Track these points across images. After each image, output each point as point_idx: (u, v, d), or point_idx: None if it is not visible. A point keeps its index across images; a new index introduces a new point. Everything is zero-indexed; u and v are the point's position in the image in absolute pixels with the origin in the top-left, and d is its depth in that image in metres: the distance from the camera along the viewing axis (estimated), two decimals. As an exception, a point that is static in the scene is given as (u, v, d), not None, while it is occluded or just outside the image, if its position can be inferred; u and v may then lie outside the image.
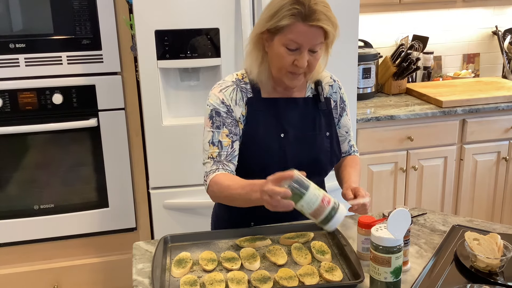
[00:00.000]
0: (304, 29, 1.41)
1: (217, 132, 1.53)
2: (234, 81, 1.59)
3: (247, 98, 1.57)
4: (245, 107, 1.57)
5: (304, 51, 1.45)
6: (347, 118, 1.69)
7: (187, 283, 1.27)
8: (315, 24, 1.41)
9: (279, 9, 1.43)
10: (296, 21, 1.41)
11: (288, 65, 1.47)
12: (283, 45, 1.45)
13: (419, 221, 1.60)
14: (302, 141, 1.58)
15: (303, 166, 1.51)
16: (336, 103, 1.66)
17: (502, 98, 2.81)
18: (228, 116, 1.55)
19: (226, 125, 1.54)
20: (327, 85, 1.65)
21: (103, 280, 2.76)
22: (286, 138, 1.57)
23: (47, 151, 2.55)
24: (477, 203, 2.93)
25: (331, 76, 1.67)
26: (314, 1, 1.41)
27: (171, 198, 2.33)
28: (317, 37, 1.44)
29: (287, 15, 1.41)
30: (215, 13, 2.17)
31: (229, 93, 1.57)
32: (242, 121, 1.57)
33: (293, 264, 1.37)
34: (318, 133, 1.60)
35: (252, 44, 1.54)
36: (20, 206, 2.57)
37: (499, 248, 1.30)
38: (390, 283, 1.17)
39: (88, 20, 2.41)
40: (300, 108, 1.60)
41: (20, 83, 2.42)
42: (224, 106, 1.55)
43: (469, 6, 3.04)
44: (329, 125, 1.62)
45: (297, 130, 1.58)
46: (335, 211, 1.23)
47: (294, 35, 1.42)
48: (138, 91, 2.53)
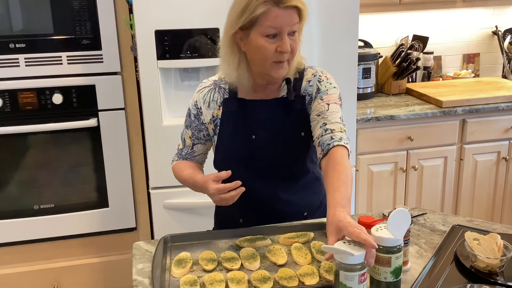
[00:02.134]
0: (280, 12, 1.42)
1: (185, 130, 1.68)
2: (215, 81, 1.62)
3: (223, 99, 1.59)
4: (220, 109, 1.59)
5: (284, 35, 1.45)
6: (319, 102, 1.54)
7: (187, 283, 1.27)
8: (289, 5, 1.42)
9: (249, 1, 1.43)
10: (270, 7, 1.41)
11: (272, 54, 1.46)
12: (262, 36, 1.45)
13: (419, 221, 1.60)
14: (274, 143, 1.57)
15: (278, 167, 1.58)
16: (310, 96, 1.58)
17: (502, 98, 2.81)
18: (196, 119, 1.63)
19: (192, 128, 1.65)
20: (305, 81, 1.60)
21: (103, 280, 2.76)
22: (257, 140, 1.57)
23: (47, 151, 2.55)
24: (477, 203, 2.93)
25: (315, 73, 1.61)
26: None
27: (171, 198, 2.33)
28: (293, 17, 1.45)
29: (259, 4, 1.42)
30: (215, 13, 2.17)
31: (204, 95, 1.61)
32: (213, 121, 1.61)
33: (293, 264, 1.37)
34: (291, 134, 1.58)
35: (225, 48, 1.52)
36: (20, 206, 2.57)
37: (499, 248, 1.30)
38: (390, 283, 1.17)
39: (88, 20, 2.41)
40: (272, 109, 1.58)
41: (20, 83, 2.42)
42: (195, 108, 1.63)
43: (469, 6, 3.04)
44: (304, 124, 1.57)
45: (269, 132, 1.57)
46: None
47: (271, 21, 1.42)
48: (138, 91, 2.53)
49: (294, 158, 1.60)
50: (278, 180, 1.61)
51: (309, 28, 2.27)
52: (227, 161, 1.61)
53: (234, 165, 1.57)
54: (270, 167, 1.59)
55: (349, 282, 1.11)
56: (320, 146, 1.46)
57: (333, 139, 1.43)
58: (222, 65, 1.56)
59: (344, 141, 1.43)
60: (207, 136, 1.65)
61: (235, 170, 1.52)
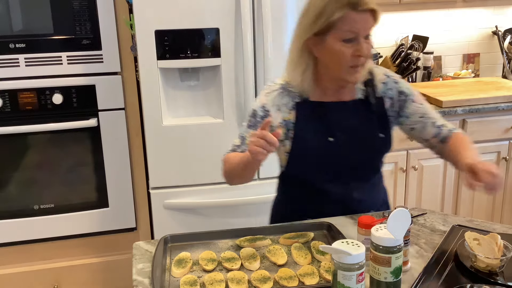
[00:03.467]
0: (357, 16, 1.42)
1: (247, 130, 1.60)
2: (282, 85, 1.60)
3: (295, 103, 1.57)
4: (291, 112, 1.57)
5: (361, 38, 1.44)
6: (415, 105, 1.62)
7: (187, 283, 1.27)
8: (366, 8, 1.42)
9: (325, 6, 1.43)
10: (348, 11, 1.41)
11: (349, 58, 1.46)
12: (339, 40, 1.44)
13: (419, 221, 1.60)
14: (352, 145, 1.57)
15: (356, 169, 1.58)
16: (392, 100, 1.61)
17: (502, 98, 2.81)
18: (262, 121, 1.58)
19: (255, 128, 1.58)
20: (380, 83, 1.61)
21: (103, 280, 2.76)
22: (335, 142, 1.56)
23: (47, 151, 2.56)
24: (477, 203, 2.93)
25: (385, 73, 1.63)
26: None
27: (171, 198, 2.33)
28: (369, 20, 1.44)
29: (336, 8, 1.41)
30: (215, 13, 2.17)
31: (273, 98, 1.58)
32: (284, 125, 1.57)
33: (293, 264, 1.37)
34: (370, 136, 1.58)
35: (295, 53, 1.52)
36: (20, 206, 2.57)
37: (499, 248, 1.30)
38: (390, 283, 1.17)
39: (88, 20, 2.41)
40: (350, 111, 1.58)
41: (20, 83, 2.43)
42: (262, 110, 1.58)
43: (469, 6, 3.04)
44: (383, 126, 1.59)
45: (347, 134, 1.57)
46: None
47: (348, 25, 1.42)
48: (138, 91, 2.53)
49: (371, 159, 1.61)
50: (352, 181, 1.62)
51: (309, 28, 2.27)
52: (303, 164, 1.61)
53: (310, 167, 1.58)
54: (347, 169, 1.58)
55: (347, 282, 1.11)
56: (437, 138, 1.62)
57: (451, 130, 1.62)
58: (288, 69, 1.56)
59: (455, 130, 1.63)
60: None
61: (310, 172, 1.57)
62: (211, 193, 2.35)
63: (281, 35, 2.23)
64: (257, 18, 2.19)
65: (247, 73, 2.18)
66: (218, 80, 2.26)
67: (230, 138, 2.29)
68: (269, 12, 2.15)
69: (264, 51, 2.17)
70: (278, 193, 1.77)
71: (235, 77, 2.24)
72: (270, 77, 2.20)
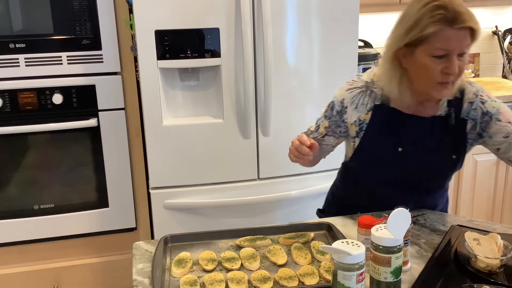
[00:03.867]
0: (452, 33, 1.35)
1: (323, 119, 1.65)
2: (367, 82, 1.57)
3: (374, 104, 1.55)
4: (368, 113, 1.55)
5: (454, 56, 1.38)
6: (499, 124, 1.52)
7: (187, 283, 1.27)
8: (463, 26, 1.35)
9: (419, 18, 1.37)
10: (443, 27, 1.34)
11: (437, 75, 1.40)
12: (429, 55, 1.38)
13: (419, 221, 1.60)
14: (420, 160, 1.54)
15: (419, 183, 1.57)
16: (475, 121, 1.53)
17: (502, 98, 2.77)
18: (337, 115, 1.60)
19: (331, 120, 1.62)
20: (467, 103, 1.53)
21: (103, 280, 2.76)
22: (403, 153, 1.54)
23: (47, 151, 2.55)
24: (477, 203, 2.93)
25: (476, 92, 1.54)
26: (456, 3, 1.36)
27: (171, 198, 2.33)
28: (466, 39, 1.37)
29: (431, 23, 1.35)
30: (215, 13, 2.17)
31: (353, 96, 1.57)
32: (357, 124, 1.57)
33: (293, 264, 1.37)
34: (442, 155, 1.55)
35: (387, 64, 1.48)
36: (20, 206, 2.57)
37: (499, 248, 1.30)
38: (390, 283, 1.17)
39: (88, 20, 2.41)
40: (427, 127, 1.53)
41: (20, 83, 2.42)
42: (340, 105, 1.59)
43: (469, 6, 2.99)
44: (458, 147, 1.54)
45: (417, 148, 1.54)
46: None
47: (441, 43, 1.36)
48: (138, 91, 2.53)
49: (437, 177, 1.59)
50: (413, 194, 1.61)
51: (309, 28, 2.27)
52: (366, 167, 1.61)
53: (372, 172, 1.59)
54: (410, 182, 1.57)
55: (347, 281, 1.11)
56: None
57: None
58: (383, 81, 1.52)
59: None
60: (343, 133, 1.62)
61: (372, 177, 1.58)
62: (211, 193, 2.35)
63: (281, 35, 2.23)
64: (257, 18, 2.19)
65: (247, 73, 2.18)
66: (218, 80, 2.26)
67: (230, 138, 2.30)
68: (269, 12, 2.15)
69: (264, 51, 2.17)
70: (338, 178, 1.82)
71: (235, 77, 2.24)
72: (270, 77, 2.20)
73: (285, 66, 2.27)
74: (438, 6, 1.35)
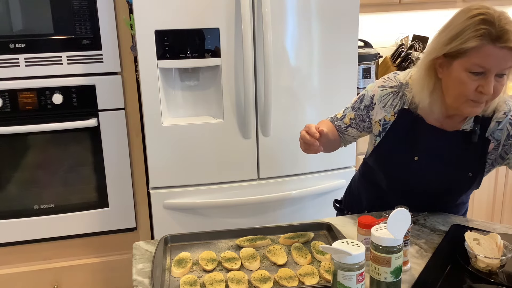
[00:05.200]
0: (494, 51, 1.28)
1: (350, 109, 1.65)
2: (401, 83, 1.54)
3: (401, 108, 1.52)
4: (394, 115, 1.53)
5: (491, 75, 1.31)
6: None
7: (187, 283, 1.27)
8: (507, 46, 1.28)
9: (462, 30, 1.31)
10: (485, 43, 1.28)
11: (471, 92, 1.34)
12: (465, 70, 1.32)
13: (419, 221, 1.60)
14: (435, 172, 1.51)
15: (428, 194, 1.55)
16: (498, 142, 1.48)
17: (502, 98, 2.81)
18: (364, 109, 1.60)
19: (357, 112, 1.62)
20: (494, 121, 1.47)
21: (103, 280, 2.76)
22: (419, 162, 1.51)
23: (47, 151, 2.55)
24: (477, 203, 2.93)
25: (507, 111, 1.47)
26: (504, 21, 1.29)
27: (171, 198, 2.33)
28: (507, 59, 1.30)
29: (473, 37, 1.29)
30: (215, 13, 2.17)
31: (384, 95, 1.55)
32: (381, 124, 1.56)
33: (293, 264, 1.37)
34: (459, 171, 1.50)
35: (424, 71, 1.42)
36: (20, 206, 2.57)
37: (499, 248, 1.30)
38: (390, 283, 1.17)
39: (88, 20, 2.41)
40: (448, 139, 1.49)
41: (20, 83, 2.42)
42: (369, 100, 1.58)
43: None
44: (476, 166, 1.49)
45: (434, 160, 1.50)
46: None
47: (480, 59, 1.29)
48: (138, 91, 2.53)
49: (450, 193, 1.55)
50: (422, 205, 1.59)
51: (309, 28, 2.27)
52: (381, 167, 1.60)
53: (385, 173, 1.58)
54: (420, 192, 1.55)
55: (347, 281, 1.11)
56: None
57: None
58: (415, 86, 1.47)
59: None
60: (367, 128, 1.62)
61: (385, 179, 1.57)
62: (211, 193, 2.35)
63: (281, 35, 2.23)
64: (257, 18, 2.19)
65: (247, 73, 2.18)
66: (218, 80, 2.26)
67: (230, 138, 2.30)
68: (269, 12, 2.15)
69: (264, 51, 2.17)
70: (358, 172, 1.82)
71: (235, 77, 2.24)
72: (270, 77, 2.20)
73: (285, 66, 2.27)
74: (485, 21, 1.29)
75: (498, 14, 1.31)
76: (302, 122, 1.95)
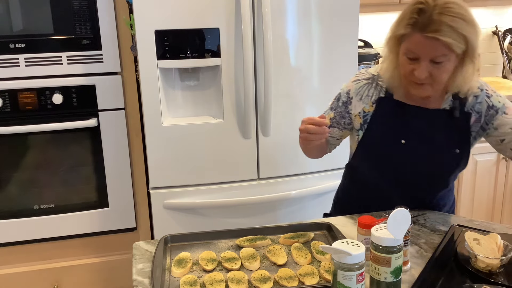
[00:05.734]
0: (421, 40, 1.36)
1: (328, 110, 1.68)
2: (373, 75, 1.59)
3: (378, 97, 1.56)
4: (373, 105, 1.57)
5: (423, 62, 1.39)
6: (506, 117, 1.53)
7: (187, 283, 1.27)
8: (430, 36, 1.34)
9: (403, 17, 1.40)
10: (413, 31, 1.37)
11: (408, 74, 1.43)
12: (403, 54, 1.42)
13: (419, 221, 1.60)
14: (423, 153, 1.54)
15: (421, 176, 1.56)
16: (479, 114, 1.54)
17: (502, 98, 2.81)
18: (343, 106, 1.62)
19: (336, 112, 1.65)
20: (472, 96, 1.54)
21: (103, 280, 2.76)
22: (406, 145, 1.54)
23: (47, 151, 2.55)
24: (477, 203, 2.93)
25: (480, 86, 1.55)
26: (439, 10, 1.35)
27: (171, 198, 2.33)
28: (437, 48, 1.36)
29: (405, 24, 1.38)
30: (215, 13, 2.17)
31: (359, 87, 1.59)
32: (362, 116, 1.58)
33: (293, 264, 1.37)
34: (446, 149, 1.54)
35: (387, 48, 1.50)
36: (20, 206, 2.57)
37: (499, 248, 1.30)
38: (390, 283, 1.17)
39: (88, 20, 2.41)
40: (431, 119, 1.54)
41: (20, 83, 2.42)
42: (346, 96, 1.62)
43: (469, 6, 3.02)
44: (462, 142, 1.54)
45: (421, 141, 1.53)
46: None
47: (411, 46, 1.39)
48: (138, 91, 2.53)
49: (440, 172, 1.57)
50: (417, 190, 1.61)
51: (309, 28, 2.27)
52: (369, 159, 1.61)
53: (375, 164, 1.59)
54: (413, 175, 1.56)
55: (347, 282, 1.11)
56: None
57: None
58: (384, 62, 1.54)
59: None
60: (347, 125, 1.64)
61: (375, 168, 1.58)
62: (211, 193, 2.35)
63: (281, 35, 2.23)
64: (257, 18, 2.19)
65: (247, 73, 2.18)
66: (218, 80, 2.26)
67: (230, 138, 2.30)
68: (269, 12, 2.15)
69: (264, 51, 2.17)
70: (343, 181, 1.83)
71: (235, 77, 2.24)
72: (270, 77, 2.20)
73: (285, 66, 2.27)
74: (419, 10, 1.36)
75: (436, 4, 1.36)
76: (302, 122, 1.95)
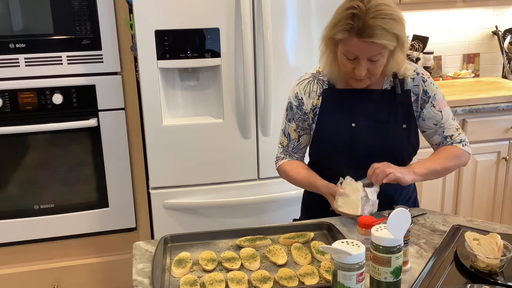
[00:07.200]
0: (359, 43, 1.44)
1: (288, 124, 1.71)
2: (313, 74, 1.67)
3: (323, 89, 1.63)
4: (319, 98, 1.63)
5: (361, 61, 1.48)
6: (433, 110, 1.64)
7: (187, 283, 1.27)
8: (367, 40, 1.42)
9: (338, 21, 1.47)
10: (350, 36, 1.44)
11: (349, 71, 1.52)
12: (342, 54, 1.50)
13: (419, 221, 1.60)
14: (375, 132, 1.61)
15: (376, 156, 1.59)
16: (417, 96, 1.63)
17: (502, 98, 2.81)
18: (298, 110, 1.66)
19: (295, 119, 1.68)
20: (409, 78, 1.63)
21: (103, 280, 2.76)
22: (357, 128, 1.61)
23: (47, 151, 2.56)
24: (477, 203, 2.93)
25: (416, 69, 1.65)
26: (372, 15, 1.42)
27: (171, 198, 2.33)
28: (372, 50, 1.45)
29: (342, 30, 1.45)
30: (215, 13, 2.17)
31: (304, 86, 1.66)
32: (312, 110, 1.64)
33: (293, 264, 1.37)
34: (393, 125, 1.61)
35: (323, 45, 1.57)
36: (20, 206, 2.57)
37: (499, 248, 1.30)
38: (390, 283, 1.17)
39: (88, 20, 2.41)
40: (376, 99, 1.62)
41: (20, 83, 2.42)
42: (296, 99, 1.67)
43: (469, 6, 3.04)
44: (407, 117, 1.62)
45: (371, 121, 1.61)
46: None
47: (349, 48, 1.47)
48: (138, 91, 2.53)
49: (393, 149, 1.62)
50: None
51: (309, 28, 2.27)
52: (325, 148, 1.65)
53: (332, 152, 1.63)
54: (368, 156, 1.60)
55: (347, 281, 1.11)
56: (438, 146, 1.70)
57: (453, 142, 1.68)
58: (322, 58, 1.61)
59: (463, 143, 1.67)
60: (311, 125, 1.68)
61: (332, 157, 1.62)
62: (211, 193, 2.35)
63: (281, 35, 2.23)
64: (257, 18, 2.19)
65: (247, 73, 2.18)
66: (218, 80, 2.26)
67: (230, 138, 2.30)
68: (269, 12, 2.15)
69: (264, 51, 2.17)
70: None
71: (235, 77, 2.24)
72: (270, 77, 2.20)
73: (285, 66, 2.27)
74: (353, 15, 1.43)
75: (369, 7, 1.43)
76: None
